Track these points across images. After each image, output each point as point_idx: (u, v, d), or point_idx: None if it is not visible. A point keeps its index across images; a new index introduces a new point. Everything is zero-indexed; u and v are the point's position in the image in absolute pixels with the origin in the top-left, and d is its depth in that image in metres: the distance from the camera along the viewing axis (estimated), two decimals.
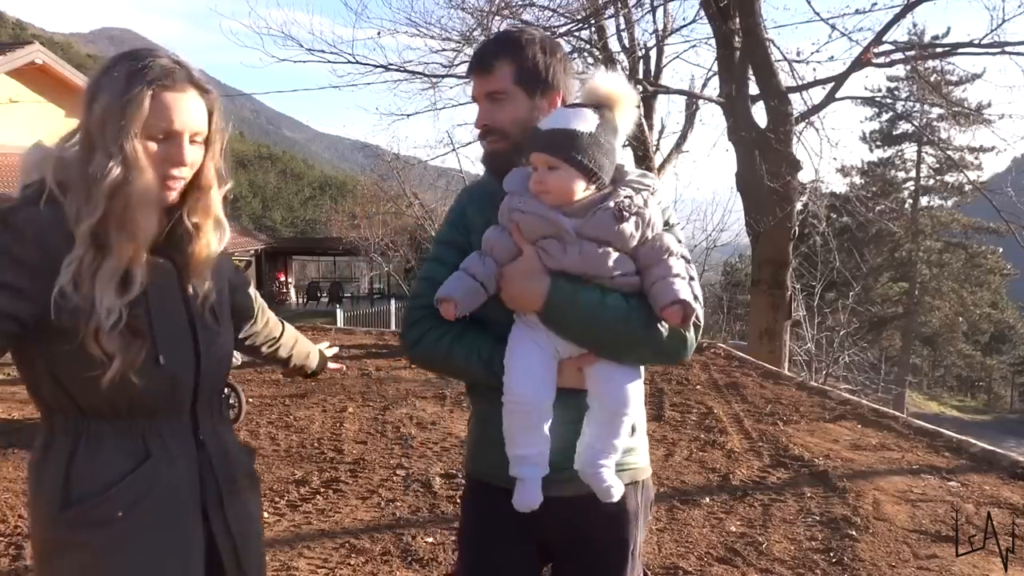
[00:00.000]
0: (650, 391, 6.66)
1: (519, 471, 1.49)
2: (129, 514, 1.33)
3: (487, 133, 1.63)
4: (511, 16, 11.08)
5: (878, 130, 35.96)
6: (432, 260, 1.67)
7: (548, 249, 1.45)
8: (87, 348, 1.28)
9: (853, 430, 5.56)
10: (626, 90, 1.51)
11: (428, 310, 1.58)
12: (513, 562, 1.63)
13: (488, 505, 1.63)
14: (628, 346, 1.49)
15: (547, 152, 1.44)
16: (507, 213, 1.50)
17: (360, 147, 23.42)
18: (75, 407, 1.33)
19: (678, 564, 3.38)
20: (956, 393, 43.28)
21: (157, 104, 1.32)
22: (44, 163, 1.35)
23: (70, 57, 37.54)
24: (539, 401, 1.46)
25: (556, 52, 1.64)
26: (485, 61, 1.60)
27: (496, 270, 1.50)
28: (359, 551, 3.46)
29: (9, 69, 16.08)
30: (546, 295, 1.45)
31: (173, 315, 1.41)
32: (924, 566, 3.40)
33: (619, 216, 1.42)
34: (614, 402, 1.48)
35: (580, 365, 1.50)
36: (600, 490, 1.48)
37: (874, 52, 10.36)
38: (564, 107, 1.53)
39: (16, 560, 3.32)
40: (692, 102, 14.78)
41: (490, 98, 1.61)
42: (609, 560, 1.62)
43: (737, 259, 29.66)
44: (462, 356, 1.56)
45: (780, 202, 10.15)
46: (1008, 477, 4.55)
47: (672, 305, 1.41)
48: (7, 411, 5.45)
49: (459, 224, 1.67)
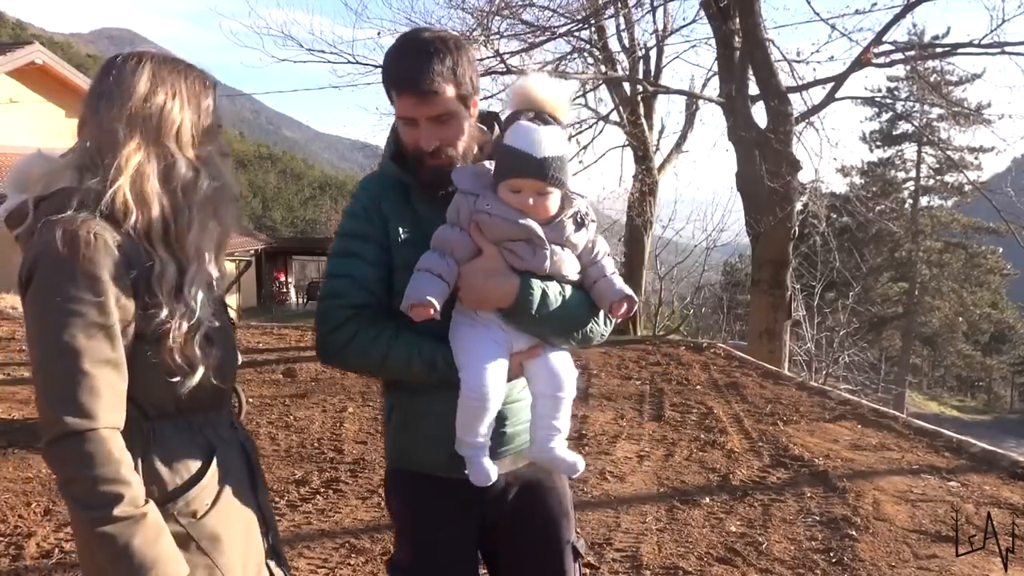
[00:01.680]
0: (650, 391, 6.66)
1: (473, 454, 1.57)
2: (215, 504, 1.39)
3: (437, 153, 1.58)
4: (511, 16, 11.08)
5: (878, 130, 35.98)
6: (349, 256, 1.62)
7: (517, 251, 1.54)
8: (171, 357, 1.30)
9: (853, 430, 5.56)
10: (564, 94, 1.57)
11: (355, 310, 1.58)
12: (456, 538, 1.69)
13: (427, 491, 1.68)
14: (579, 332, 1.64)
15: (543, 181, 1.51)
16: (468, 214, 1.54)
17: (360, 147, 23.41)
18: (139, 412, 1.34)
19: (678, 564, 3.38)
20: (956, 393, 43.29)
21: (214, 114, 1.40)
22: (62, 171, 1.32)
23: (70, 57, 37.56)
24: (499, 396, 1.54)
25: (471, 55, 1.61)
26: (429, 87, 1.52)
27: (456, 270, 1.54)
28: (359, 551, 3.46)
29: (9, 69, 16.08)
30: (517, 292, 1.53)
31: (219, 316, 1.44)
32: (924, 566, 3.40)
33: (579, 223, 1.58)
34: (556, 387, 1.60)
35: (525, 359, 1.60)
36: (564, 467, 1.61)
37: (874, 52, 10.37)
38: (530, 123, 1.52)
39: (16, 560, 3.32)
40: (692, 102, 14.80)
41: (435, 119, 1.56)
42: (555, 516, 1.73)
43: (737, 259, 29.68)
44: (402, 356, 1.56)
45: (780, 202, 10.15)
46: (1008, 477, 4.56)
47: (622, 301, 1.60)
48: (7, 411, 5.45)
49: (373, 217, 1.62)
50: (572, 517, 1.78)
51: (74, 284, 1.22)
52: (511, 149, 1.51)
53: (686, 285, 18.30)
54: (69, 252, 1.22)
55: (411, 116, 1.56)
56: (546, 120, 1.53)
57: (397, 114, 1.59)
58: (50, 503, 3.88)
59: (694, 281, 17.89)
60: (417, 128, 1.57)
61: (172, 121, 1.34)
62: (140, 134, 1.32)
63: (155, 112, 1.33)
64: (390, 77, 1.58)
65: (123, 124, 1.31)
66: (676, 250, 17.17)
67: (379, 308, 1.60)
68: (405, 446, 1.70)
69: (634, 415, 5.84)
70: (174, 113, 1.34)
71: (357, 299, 1.59)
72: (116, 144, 1.31)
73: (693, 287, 18.16)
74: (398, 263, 1.61)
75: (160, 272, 1.30)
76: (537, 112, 1.54)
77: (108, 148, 1.31)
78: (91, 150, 1.33)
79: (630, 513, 3.95)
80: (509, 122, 1.55)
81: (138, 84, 1.33)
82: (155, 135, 1.33)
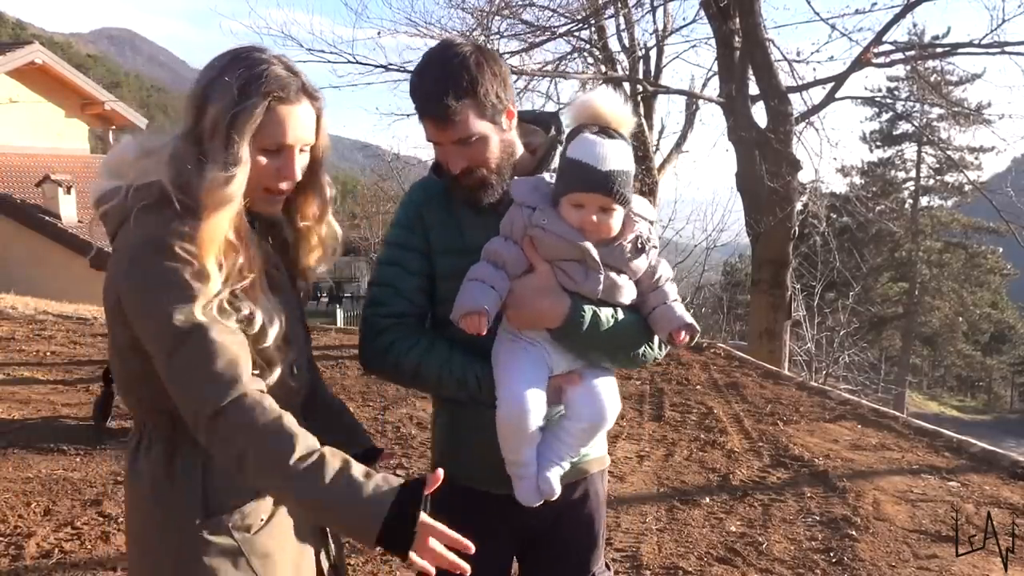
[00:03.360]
0: (650, 391, 6.66)
1: (520, 472, 1.52)
2: (269, 521, 1.36)
3: (466, 173, 1.54)
4: (511, 16, 11.08)
5: (878, 130, 35.93)
6: (391, 264, 1.61)
7: (569, 272, 1.48)
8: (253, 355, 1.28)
9: (853, 430, 5.56)
10: (630, 112, 1.53)
11: (394, 319, 1.58)
12: (491, 554, 1.64)
13: (462, 504, 1.64)
14: (630, 356, 1.58)
15: (608, 196, 1.44)
16: (523, 228, 1.48)
17: (360, 147, 23.46)
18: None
19: (678, 564, 3.38)
20: (956, 393, 43.27)
21: (272, 117, 1.29)
22: (152, 164, 1.31)
23: (70, 57, 37.55)
24: (537, 417, 1.48)
25: (496, 69, 1.53)
26: (444, 114, 1.47)
27: (508, 284, 1.49)
28: (359, 551, 3.46)
29: (9, 69, 16.08)
30: (567, 313, 1.48)
31: (296, 322, 1.43)
32: (924, 566, 3.40)
33: (640, 249, 1.51)
34: (597, 418, 1.55)
35: (564, 384, 1.54)
36: (546, 489, 1.53)
37: (874, 52, 10.37)
38: (596, 136, 1.47)
39: (16, 560, 3.31)
40: (692, 102, 14.79)
41: (459, 143, 1.52)
42: (583, 543, 1.72)
43: (737, 259, 29.63)
44: (433, 370, 1.55)
45: (780, 202, 10.15)
46: (1008, 477, 4.56)
47: (682, 329, 1.53)
48: (7, 411, 5.44)
49: (415, 226, 1.62)
50: (602, 545, 1.77)
51: (174, 272, 1.23)
52: (575, 161, 1.45)
53: (686, 285, 18.27)
54: (155, 250, 1.23)
55: (435, 140, 1.55)
56: (611, 135, 1.48)
57: (425, 136, 1.57)
58: (50, 503, 3.88)
59: (694, 281, 17.88)
60: (444, 150, 1.55)
61: (208, 118, 1.31)
62: (193, 128, 1.32)
63: (199, 106, 1.32)
64: (413, 99, 1.55)
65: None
66: (676, 250, 17.16)
67: (419, 318, 1.60)
68: (447, 458, 1.68)
69: (634, 415, 5.84)
70: (211, 109, 1.32)
71: (397, 308, 1.58)
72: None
73: (693, 287, 18.14)
74: (440, 272, 1.60)
75: (227, 273, 1.27)
76: (601, 127, 1.49)
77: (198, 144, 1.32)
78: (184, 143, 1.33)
79: (630, 513, 3.95)
80: (572, 135, 1.50)
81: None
82: (204, 132, 1.31)
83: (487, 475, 1.59)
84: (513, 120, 1.60)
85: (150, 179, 1.29)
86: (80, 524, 3.66)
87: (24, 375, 6.54)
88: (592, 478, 1.72)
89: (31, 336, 8.21)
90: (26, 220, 15.28)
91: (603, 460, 1.74)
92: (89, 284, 12.42)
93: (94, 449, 4.66)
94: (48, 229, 15.20)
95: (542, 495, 1.52)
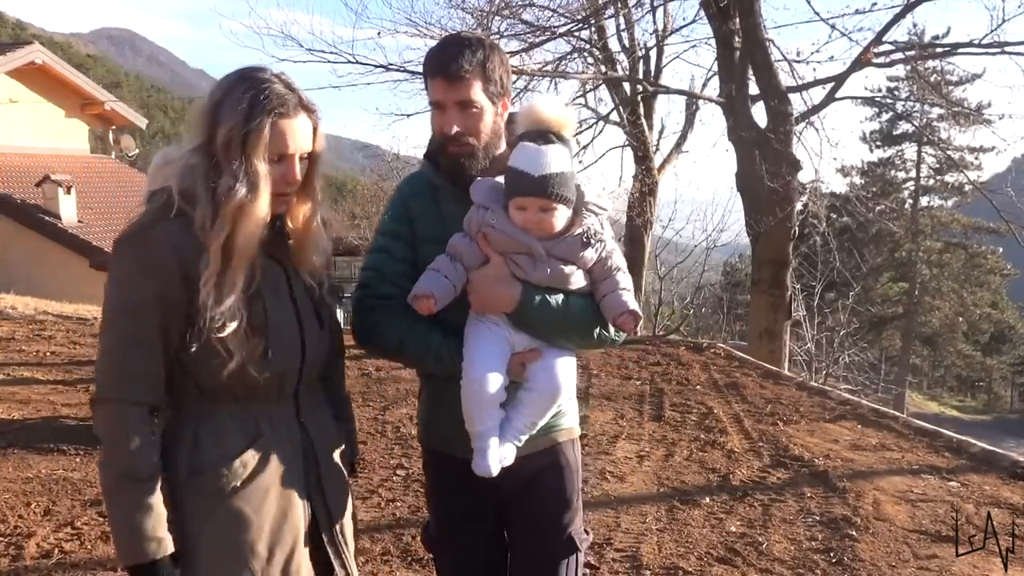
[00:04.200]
0: (650, 391, 6.66)
1: (477, 444, 1.68)
2: (245, 486, 1.52)
3: (457, 138, 1.71)
4: (511, 16, 11.08)
5: (878, 130, 35.91)
6: (379, 251, 1.81)
7: (519, 263, 1.65)
8: (212, 345, 1.46)
9: (853, 430, 5.56)
10: (570, 114, 1.67)
11: (379, 300, 1.77)
12: (475, 513, 1.87)
13: (446, 468, 1.86)
14: (582, 337, 1.75)
15: (544, 198, 1.60)
16: (477, 225, 1.67)
17: (360, 147, 23.47)
18: (199, 392, 1.53)
19: (678, 564, 3.38)
20: (956, 393, 43.27)
21: (275, 131, 1.48)
22: (170, 171, 1.51)
23: (70, 57, 37.53)
24: (499, 387, 1.65)
25: (504, 58, 1.76)
26: (456, 71, 1.67)
27: (464, 274, 1.67)
28: (359, 551, 3.44)
29: (9, 69, 16.08)
30: (519, 299, 1.65)
31: (283, 314, 1.58)
32: (924, 566, 3.40)
33: (585, 243, 1.66)
34: (553, 390, 1.71)
35: (525, 360, 1.70)
36: (503, 459, 1.68)
37: (874, 52, 10.36)
38: (533, 144, 1.61)
39: (16, 560, 3.32)
40: (692, 102, 14.80)
41: (461, 106, 1.70)
42: (556, 504, 1.86)
43: (737, 259, 29.62)
44: (412, 346, 1.73)
45: (780, 202, 10.14)
46: (1008, 477, 4.56)
47: (624, 315, 1.69)
48: (7, 411, 5.45)
49: (402, 216, 1.81)
50: (577, 508, 1.89)
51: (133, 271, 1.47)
52: (513, 169, 1.61)
53: (686, 285, 18.26)
54: (130, 246, 1.46)
55: (439, 100, 1.71)
56: (548, 139, 1.61)
57: (429, 100, 1.75)
58: (50, 503, 3.89)
59: (694, 281, 17.85)
60: (444, 113, 1.71)
61: (221, 135, 1.49)
62: (205, 144, 1.50)
63: (211, 123, 1.51)
64: (426, 64, 1.75)
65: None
66: (676, 250, 17.14)
67: (403, 299, 1.72)
68: (430, 427, 1.91)
69: (634, 415, 5.84)
70: (222, 128, 1.50)
71: (382, 291, 1.77)
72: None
73: (693, 287, 18.12)
74: (423, 259, 1.75)
75: (211, 275, 1.44)
76: (541, 131, 1.62)
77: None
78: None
79: (630, 513, 3.95)
80: (515, 143, 1.65)
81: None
82: (217, 148, 1.49)
83: (462, 442, 1.73)
84: (506, 113, 1.79)
85: (166, 185, 1.50)
86: (80, 524, 3.66)
87: (24, 375, 6.54)
88: (563, 446, 1.87)
89: (31, 336, 8.22)
90: (26, 220, 15.26)
91: (572, 431, 1.91)
92: (89, 284, 12.44)
93: (94, 449, 4.66)
94: (48, 229, 15.19)
95: (500, 464, 1.67)
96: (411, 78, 11.19)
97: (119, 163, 20.19)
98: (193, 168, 1.48)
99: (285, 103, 1.49)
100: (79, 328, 8.77)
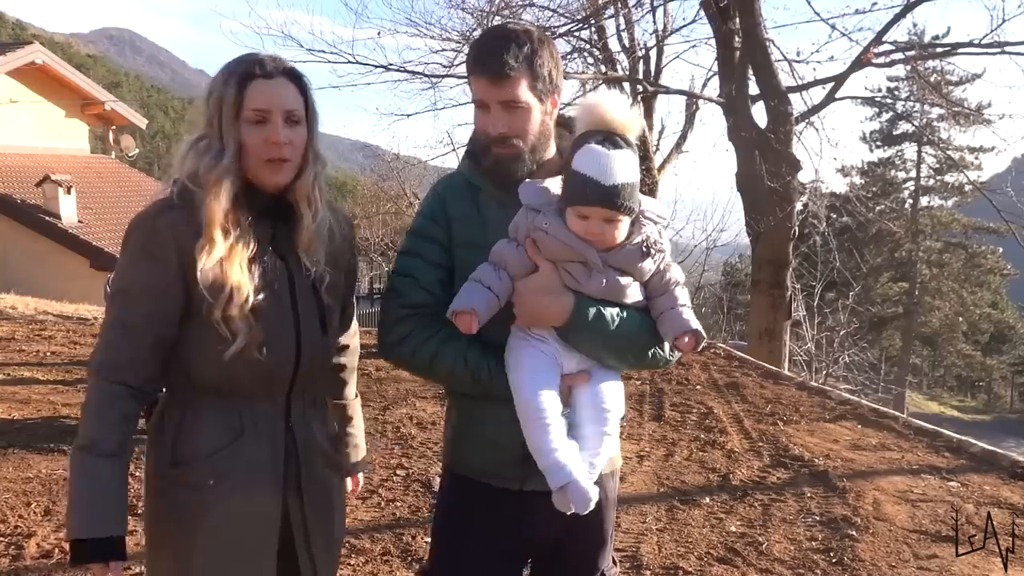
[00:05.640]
0: (650, 391, 6.66)
1: (558, 476, 1.45)
2: (219, 484, 1.50)
3: (504, 139, 1.57)
4: (511, 16, 11.07)
5: (878, 130, 35.91)
6: (412, 255, 1.63)
7: (572, 272, 1.49)
8: (214, 325, 1.44)
9: (853, 430, 5.56)
10: (637, 115, 1.51)
11: (412, 309, 1.59)
12: (494, 555, 1.65)
13: (471, 499, 1.65)
14: (636, 357, 1.58)
15: (612, 209, 1.45)
16: (526, 230, 1.50)
17: (360, 147, 23.47)
18: (188, 384, 1.52)
19: (678, 564, 3.38)
20: (956, 393, 43.26)
21: (250, 92, 1.46)
22: (182, 158, 1.53)
23: (70, 57, 37.51)
24: (555, 409, 1.48)
25: (553, 51, 1.60)
26: (500, 69, 1.52)
27: (510, 285, 1.51)
28: (359, 551, 3.46)
29: (9, 69, 16.06)
30: (571, 312, 1.49)
31: (281, 312, 1.53)
32: (924, 566, 3.40)
33: (645, 253, 1.50)
34: (599, 420, 1.53)
35: (572, 383, 1.54)
36: (584, 501, 1.46)
37: (874, 52, 10.35)
38: (601, 147, 1.45)
39: (16, 560, 3.31)
40: (692, 102, 14.77)
41: (505, 106, 1.55)
42: (594, 544, 1.71)
43: (737, 259, 29.62)
44: (448, 362, 1.56)
45: (780, 202, 10.15)
46: (1008, 477, 4.56)
47: (686, 334, 1.51)
48: (7, 411, 5.44)
49: (438, 218, 1.63)
50: (611, 544, 1.76)
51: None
52: (579, 175, 1.44)
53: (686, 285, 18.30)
54: (136, 232, 1.49)
55: (483, 99, 1.57)
56: (616, 143, 1.46)
57: (473, 98, 1.60)
58: (50, 503, 3.88)
59: (694, 281, 17.88)
60: (488, 114, 1.57)
61: (208, 110, 1.52)
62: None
63: (205, 104, 1.55)
64: (469, 60, 1.59)
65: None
66: (676, 250, 17.12)
67: (437, 308, 1.58)
68: (458, 449, 1.69)
69: (634, 415, 5.84)
70: (208, 101, 1.54)
71: (415, 298, 1.59)
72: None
73: (693, 287, 18.14)
74: (459, 265, 1.60)
75: (206, 242, 1.44)
76: (607, 134, 1.47)
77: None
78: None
79: (630, 513, 3.95)
80: (578, 144, 1.49)
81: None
82: (205, 123, 1.53)
83: (494, 468, 1.60)
84: (555, 110, 1.62)
85: (173, 176, 1.52)
86: None
87: (24, 375, 6.54)
88: (603, 480, 1.67)
89: (31, 336, 8.22)
90: (26, 220, 15.24)
91: (614, 461, 1.72)
92: (89, 284, 12.43)
93: None
94: (48, 229, 15.16)
95: (591, 501, 1.46)
96: (411, 78, 11.22)
97: (119, 163, 20.18)
98: (190, 152, 1.51)
99: (261, 63, 1.48)
100: (79, 328, 8.77)
